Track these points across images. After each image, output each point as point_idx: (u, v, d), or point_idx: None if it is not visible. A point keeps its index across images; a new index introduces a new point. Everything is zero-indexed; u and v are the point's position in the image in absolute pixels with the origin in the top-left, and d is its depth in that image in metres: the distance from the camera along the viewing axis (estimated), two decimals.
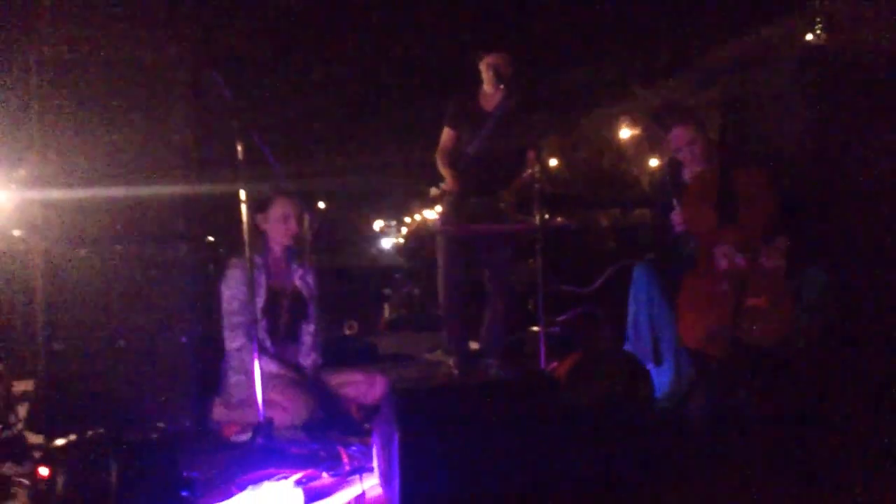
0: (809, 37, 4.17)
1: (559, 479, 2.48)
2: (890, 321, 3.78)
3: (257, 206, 3.74)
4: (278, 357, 3.77)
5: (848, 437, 3.10)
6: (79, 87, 3.48)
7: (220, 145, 3.64)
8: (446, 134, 4.74)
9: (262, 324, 3.70)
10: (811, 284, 3.42)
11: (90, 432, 2.16)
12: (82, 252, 3.49)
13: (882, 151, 3.96)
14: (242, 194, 3.28)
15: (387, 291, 7.98)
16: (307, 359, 3.88)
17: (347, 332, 6.49)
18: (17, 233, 4.24)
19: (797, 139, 4.01)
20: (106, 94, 3.49)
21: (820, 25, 4.10)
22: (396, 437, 2.37)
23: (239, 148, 3.25)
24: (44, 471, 2.02)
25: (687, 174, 3.92)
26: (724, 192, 3.54)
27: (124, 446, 2.12)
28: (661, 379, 3.62)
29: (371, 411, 3.68)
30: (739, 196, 3.51)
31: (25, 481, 2.90)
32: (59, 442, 2.11)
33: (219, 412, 3.67)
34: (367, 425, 3.53)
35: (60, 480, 2.01)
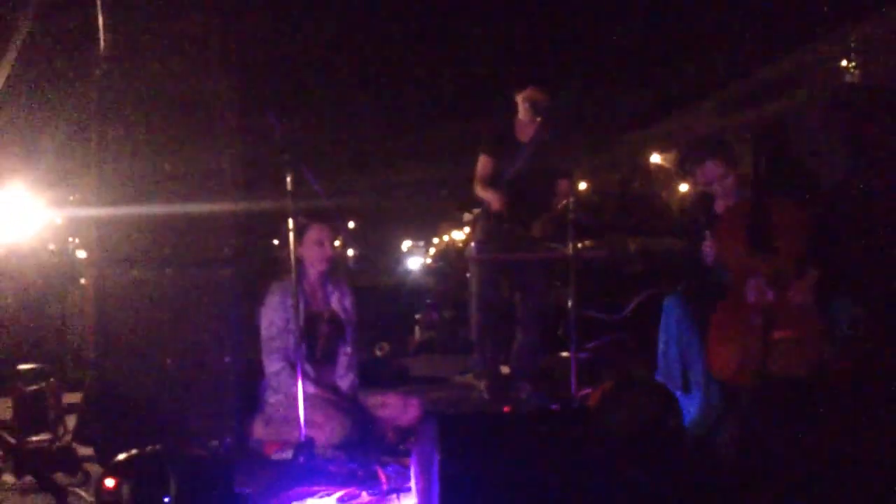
0: (843, 63, 4.21)
1: None
2: None
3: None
4: (315, 378, 3.88)
5: (879, 470, 3.15)
6: (135, 114, 3.63)
7: (266, 174, 3.78)
8: (483, 161, 4.85)
9: (301, 347, 3.81)
10: (842, 317, 3.48)
11: (150, 447, 2.28)
12: (134, 273, 3.63)
13: None
14: (290, 223, 3.42)
15: (417, 316, 8.07)
16: (344, 380, 3.99)
17: (378, 353, 6.59)
18: (79, 254, 4.41)
19: (829, 172, 4.08)
20: (160, 123, 3.64)
21: (853, 65, 4.17)
22: (437, 458, 2.47)
23: (288, 179, 3.39)
24: (110, 482, 2.14)
25: (719, 206, 3.99)
26: (755, 225, 3.61)
27: (182, 461, 2.25)
28: (690, 408, 3.69)
29: (405, 433, 3.79)
30: (771, 229, 3.58)
31: (80, 492, 3.06)
32: (123, 456, 2.23)
33: (258, 430, 3.78)
34: (402, 446, 3.64)
35: (126, 491, 2.13)
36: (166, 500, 2.15)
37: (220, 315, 3.69)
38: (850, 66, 4.16)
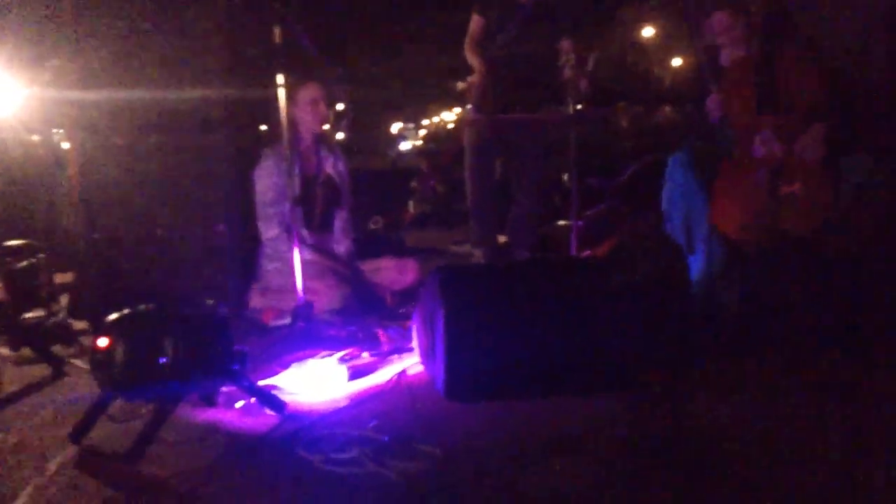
0: None
1: (602, 357, 2.52)
2: None
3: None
4: (314, 244, 3.81)
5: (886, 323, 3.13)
6: None
7: (257, 33, 3.60)
8: (475, 21, 4.64)
9: (298, 213, 3.72)
10: (854, 171, 3.38)
11: (144, 306, 2.20)
12: (118, 142, 3.49)
13: None
14: (280, 79, 3.26)
15: (413, 183, 7.98)
16: (340, 245, 3.93)
17: (373, 226, 6.53)
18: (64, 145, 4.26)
19: (846, 23, 3.90)
20: None
21: None
22: (441, 312, 2.41)
23: (276, 31, 3.21)
24: (103, 341, 2.07)
25: (724, 60, 3.83)
26: (763, 78, 3.47)
27: (178, 319, 2.17)
28: (694, 266, 3.63)
29: (403, 297, 3.75)
30: (780, 81, 3.44)
31: (77, 362, 3.01)
32: (115, 315, 2.15)
33: (256, 299, 3.73)
34: (400, 310, 3.60)
35: (119, 350, 2.06)
36: (162, 360, 2.08)
37: (211, 181, 3.59)
38: None
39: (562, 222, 5.32)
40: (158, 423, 2.13)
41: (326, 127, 4.00)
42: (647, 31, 19.50)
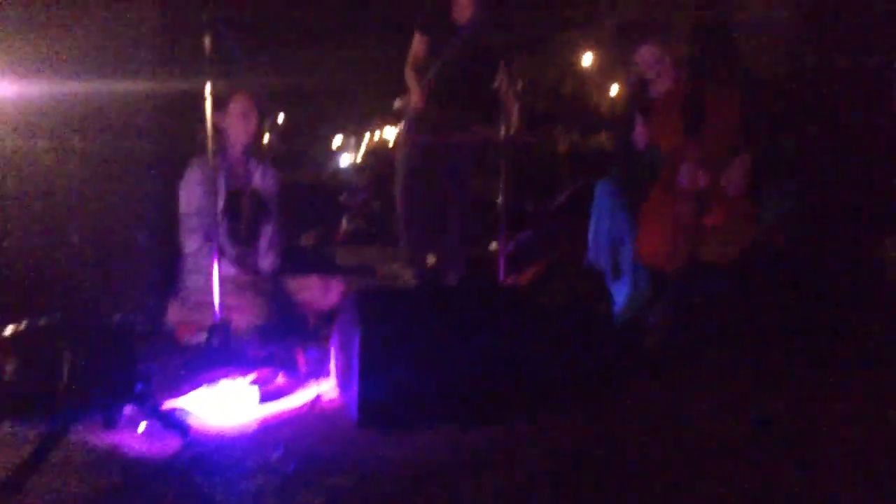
0: None
1: (517, 383, 2.50)
2: (847, 238, 3.88)
3: (215, 103, 3.61)
4: (237, 260, 3.71)
5: (801, 350, 3.19)
6: None
7: (187, 41, 3.51)
8: (417, 41, 4.63)
9: (223, 226, 3.63)
10: (773, 201, 3.43)
11: (44, 319, 2.10)
12: (39, 144, 3.36)
13: (851, 74, 3.98)
14: (208, 88, 3.17)
15: (343, 196, 7.88)
16: (265, 260, 3.84)
17: (304, 242, 6.43)
18: None
19: (767, 57, 4.00)
20: None
21: None
22: (357, 337, 2.35)
23: (206, 41, 3.12)
24: None
25: (653, 91, 3.88)
26: (690, 109, 3.51)
27: (78, 334, 2.07)
28: (619, 293, 3.65)
29: (327, 317, 3.67)
30: (706, 113, 3.49)
31: None
32: (10, 329, 2.04)
33: (174, 313, 3.61)
34: (322, 330, 3.52)
35: (10, 369, 1.95)
36: (58, 378, 1.98)
37: (134, 190, 3.48)
38: None
39: (493, 245, 5.31)
40: (48, 447, 2.02)
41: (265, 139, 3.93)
42: (587, 58, 19.79)
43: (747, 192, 3.43)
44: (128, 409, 2.34)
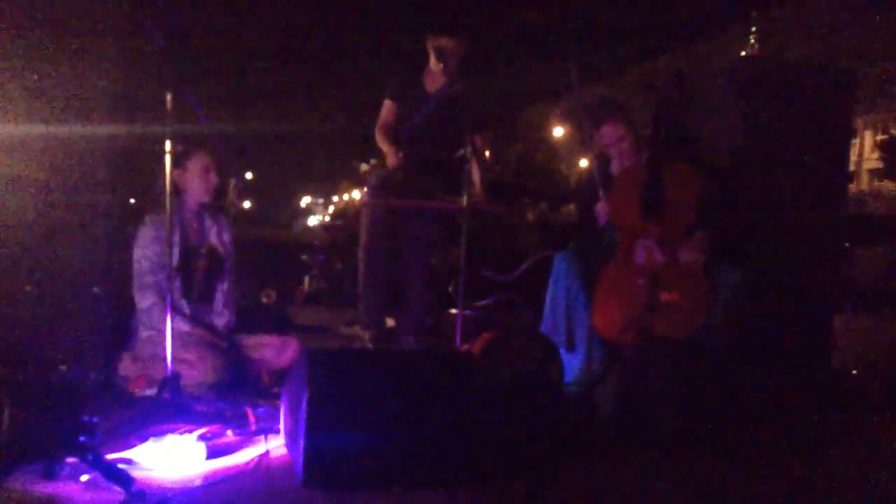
0: (743, 53, 4.30)
1: (465, 450, 2.50)
2: (795, 317, 4.01)
3: (175, 160, 3.62)
4: (191, 316, 3.70)
5: (754, 426, 3.24)
6: (5, 27, 3.34)
7: (148, 96, 3.55)
8: (386, 107, 4.72)
9: (176, 283, 3.61)
10: (725, 281, 3.52)
11: None
12: None
13: (798, 156, 4.14)
14: (168, 145, 3.20)
15: (304, 257, 7.89)
16: (220, 318, 3.82)
17: (265, 300, 6.41)
18: None
19: (722, 140, 4.14)
20: (30, 32, 3.36)
21: (753, 38, 4.23)
22: (305, 395, 2.35)
23: (168, 97, 3.17)
24: None
25: (614, 168, 3.99)
26: (649, 187, 3.61)
27: (19, 387, 2.05)
28: (573, 364, 3.68)
29: (281, 376, 3.65)
30: (664, 191, 3.59)
31: None
32: None
33: (126, 366, 3.58)
34: (276, 389, 3.50)
35: None
36: None
37: (90, 242, 3.46)
38: (750, 42, 4.21)
39: (453, 311, 5.34)
40: None
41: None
42: (557, 131, 20.18)
43: (703, 269, 3.52)
44: (70, 461, 2.31)
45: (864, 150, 36.30)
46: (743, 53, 4.33)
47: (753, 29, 4.27)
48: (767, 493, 2.58)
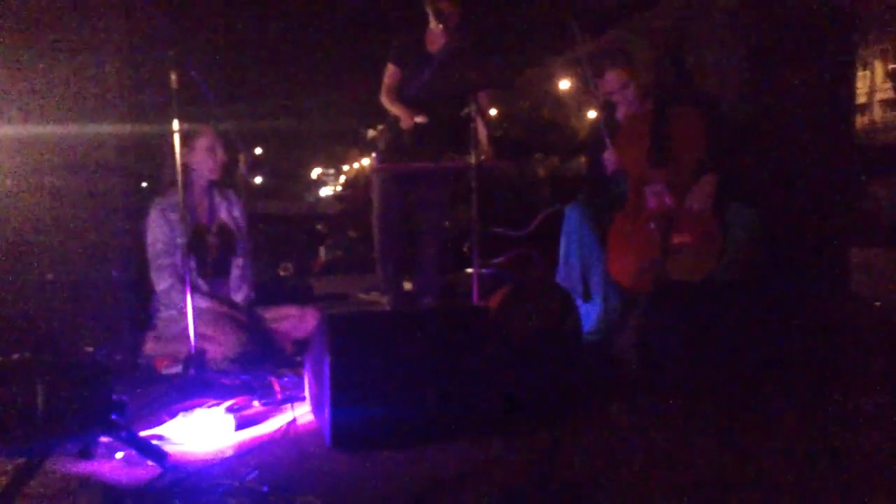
0: None
1: (487, 403, 2.54)
2: (811, 251, 4.03)
3: (181, 139, 3.63)
4: (209, 293, 3.75)
5: (772, 367, 3.25)
6: (6, 16, 3.36)
7: (154, 78, 3.57)
8: (390, 71, 4.70)
9: (191, 262, 3.64)
10: (737, 220, 3.52)
11: (15, 355, 2.13)
12: (9, 183, 3.40)
13: (803, 91, 4.11)
14: (175, 125, 3.22)
15: (319, 227, 7.93)
16: (238, 293, 3.86)
17: (282, 273, 6.47)
18: None
19: (727, 78, 4.12)
20: (36, 23, 3.38)
21: None
22: (327, 360, 2.40)
23: (173, 77, 3.18)
24: None
25: (620, 115, 3.98)
26: (655, 133, 3.61)
27: (51, 369, 2.10)
28: (590, 313, 3.71)
29: (303, 345, 3.70)
30: (671, 136, 3.59)
31: None
32: None
33: (151, 347, 3.63)
34: (299, 358, 3.55)
35: None
36: (33, 411, 2.01)
37: (106, 227, 3.52)
38: None
39: (469, 270, 5.37)
40: (25, 477, 2.05)
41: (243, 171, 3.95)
42: (563, 84, 20.03)
43: (713, 211, 3.53)
44: (105, 439, 2.37)
45: (876, 82, 35.73)
46: None
47: None
48: (787, 445, 2.55)
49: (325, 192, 29.31)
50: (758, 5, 4.17)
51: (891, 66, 33.28)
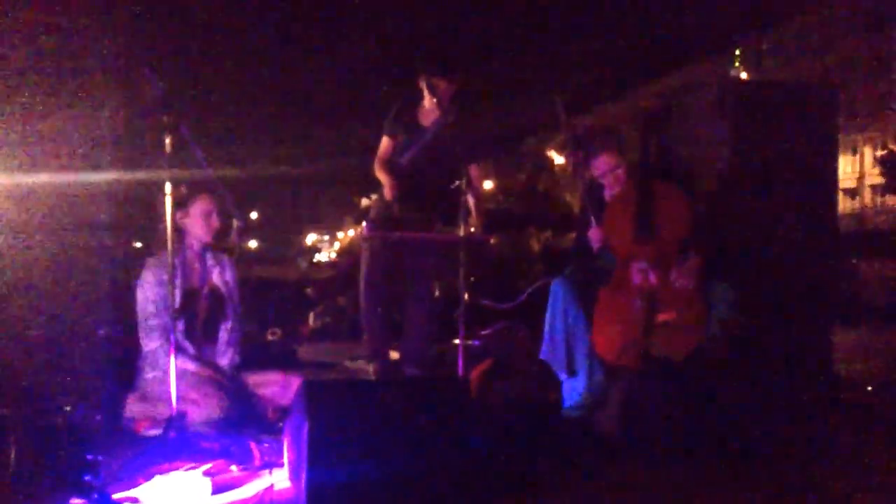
0: (731, 73, 4.39)
1: (465, 475, 2.54)
2: (793, 331, 4.06)
3: (177, 202, 3.59)
4: (195, 356, 3.75)
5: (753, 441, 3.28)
6: (7, 75, 3.43)
7: (149, 140, 3.63)
8: (384, 142, 4.80)
9: (179, 324, 3.65)
10: (719, 299, 3.56)
11: None
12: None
13: (784, 173, 4.21)
14: (168, 188, 3.26)
15: (308, 290, 7.92)
16: (224, 357, 3.86)
17: (271, 337, 6.44)
18: None
19: (711, 161, 4.21)
20: (35, 83, 3.45)
21: (738, 60, 4.33)
22: (306, 426, 2.40)
23: (167, 141, 3.24)
24: None
25: (607, 193, 4.04)
26: (641, 211, 3.67)
27: (25, 427, 2.10)
28: (574, 388, 3.72)
29: (286, 412, 3.68)
30: (656, 214, 3.64)
31: None
32: None
33: (132, 407, 3.61)
34: (281, 424, 3.53)
35: None
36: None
37: (95, 284, 3.53)
38: (735, 64, 4.32)
39: (456, 341, 5.37)
40: None
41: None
42: (558, 160, 20.27)
43: (698, 290, 3.57)
44: (77, 502, 2.35)
45: (865, 167, 36.25)
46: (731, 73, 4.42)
47: (738, 52, 4.37)
48: None
49: (321, 257, 29.37)
50: (742, 90, 4.28)
51: (879, 153, 33.83)
